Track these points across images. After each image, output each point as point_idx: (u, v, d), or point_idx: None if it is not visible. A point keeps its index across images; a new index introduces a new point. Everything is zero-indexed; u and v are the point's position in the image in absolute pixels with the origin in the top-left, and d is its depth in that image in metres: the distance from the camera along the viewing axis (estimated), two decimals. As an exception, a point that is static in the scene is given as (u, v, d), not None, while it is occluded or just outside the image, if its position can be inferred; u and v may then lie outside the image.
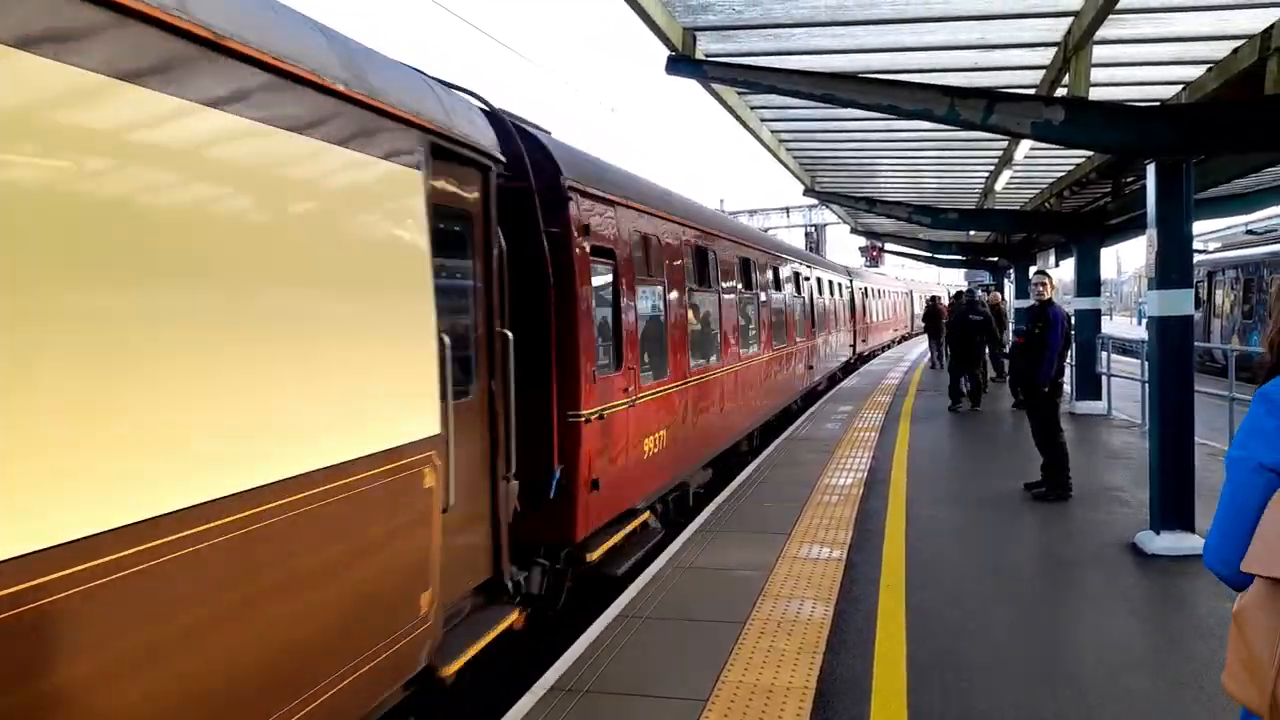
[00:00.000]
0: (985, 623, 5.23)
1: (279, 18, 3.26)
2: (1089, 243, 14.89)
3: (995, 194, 16.39)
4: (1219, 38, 7.75)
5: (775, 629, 5.14)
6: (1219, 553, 1.72)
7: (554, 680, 4.58)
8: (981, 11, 7.32)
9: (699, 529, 7.55)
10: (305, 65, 3.19)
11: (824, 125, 12.16)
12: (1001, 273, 27.50)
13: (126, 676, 2.44)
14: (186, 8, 2.66)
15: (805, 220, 43.49)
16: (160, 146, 2.63)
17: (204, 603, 2.68)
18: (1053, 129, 7.06)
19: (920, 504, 8.22)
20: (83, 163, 2.38)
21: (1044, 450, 8.54)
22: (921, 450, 11.18)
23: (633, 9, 6.88)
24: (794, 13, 7.50)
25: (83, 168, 2.38)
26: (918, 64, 8.79)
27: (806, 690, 4.32)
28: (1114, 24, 7.13)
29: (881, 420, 13.93)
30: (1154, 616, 5.42)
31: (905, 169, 16.10)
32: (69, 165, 2.34)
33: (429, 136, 4.08)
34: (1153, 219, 7.01)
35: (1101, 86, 8.69)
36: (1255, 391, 1.78)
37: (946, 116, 7.30)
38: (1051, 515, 7.83)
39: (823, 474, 9.70)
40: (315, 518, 3.13)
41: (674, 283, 8.27)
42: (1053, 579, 6.30)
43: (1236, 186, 13.70)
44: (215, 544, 2.67)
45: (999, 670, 4.56)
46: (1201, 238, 27.57)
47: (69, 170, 2.34)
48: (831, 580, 6.01)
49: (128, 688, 2.45)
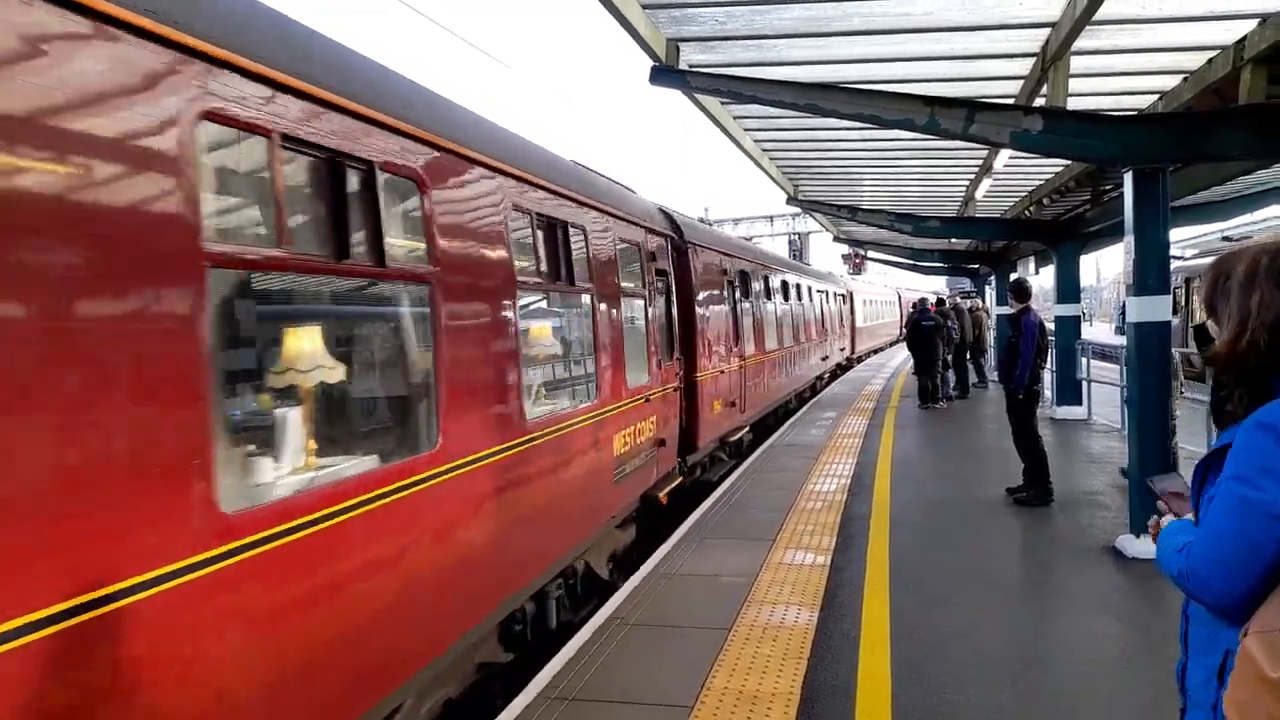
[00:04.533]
0: (968, 626, 5.28)
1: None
2: (1068, 250, 15.05)
3: (976, 202, 16.54)
4: (1193, 48, 7.88)
5: (760, 635, 5.17)
6: (1212, 584, 1.66)
7: (541, 687, 4.59)
8: (961, 23, 7.41)
9: (685, 535, 7.57)
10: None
11: (806, 134, 12.25)
12: (983, 280, 27.72)
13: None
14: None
15: (789, 228, 43.73)
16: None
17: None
18: (1032, 138, 7.15)
19: (903, 508, 8.27)
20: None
21: (1024, 455, 8.63)
22: (905, 456, 11.25)
23: (617, 20, 6.93)
24: (776, 24, 7.57)
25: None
26: (899, 74, 8.88)
27: (791, 696, 4.35)
28: (1091, 35, 7.24)
29: (865, 426, 14.00)
30: (1134, 620, 5.48)
31: (887, 177, 16.22)
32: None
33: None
34: (1130, 226, 7.11)
35: (1080, 96, 8.80)
36: (1253, 419, 1.66)
37: (927, 126, 7.38)
38: (1033, 519, 7.90)
39: (807, 480, 9.75)
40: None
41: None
42: (1034, 583, 6.37)
43: (1213, 194, 13.88)
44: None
45: (982, 673, 4.61)
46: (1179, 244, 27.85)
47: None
48: (816, 585, 6.05)
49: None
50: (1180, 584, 1.75)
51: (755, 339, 13.67)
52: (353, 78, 3.87)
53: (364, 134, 3.79)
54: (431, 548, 4.15)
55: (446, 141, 4.49)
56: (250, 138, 3.19)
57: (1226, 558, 1.64)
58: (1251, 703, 1.53)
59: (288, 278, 3.85)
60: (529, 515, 5.24)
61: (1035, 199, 15.62)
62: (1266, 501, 1.59)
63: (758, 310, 14.03)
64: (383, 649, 3.74)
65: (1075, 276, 15.39)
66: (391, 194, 4.00)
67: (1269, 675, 1.50)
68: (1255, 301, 1.74)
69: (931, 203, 19.07)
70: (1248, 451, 1.65)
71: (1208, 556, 1.68)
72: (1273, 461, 1.60)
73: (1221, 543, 1.65)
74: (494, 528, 4.76)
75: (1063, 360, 14.76)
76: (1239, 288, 1.78)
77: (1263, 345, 1.72)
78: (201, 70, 2.91)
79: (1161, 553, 1.88)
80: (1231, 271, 1.81)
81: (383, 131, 3.92)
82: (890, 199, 18.80)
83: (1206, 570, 1.67)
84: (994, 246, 22.12)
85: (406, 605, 3.89)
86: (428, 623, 4.12)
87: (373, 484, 3.67)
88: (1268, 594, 1.60)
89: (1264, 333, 1.72)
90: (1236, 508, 1.64)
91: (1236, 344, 1.76)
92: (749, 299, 13.44)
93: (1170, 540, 1.87)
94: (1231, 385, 1.80)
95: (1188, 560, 1.72)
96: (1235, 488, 1.65)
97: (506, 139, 5.56)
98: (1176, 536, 1.85)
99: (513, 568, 5.06)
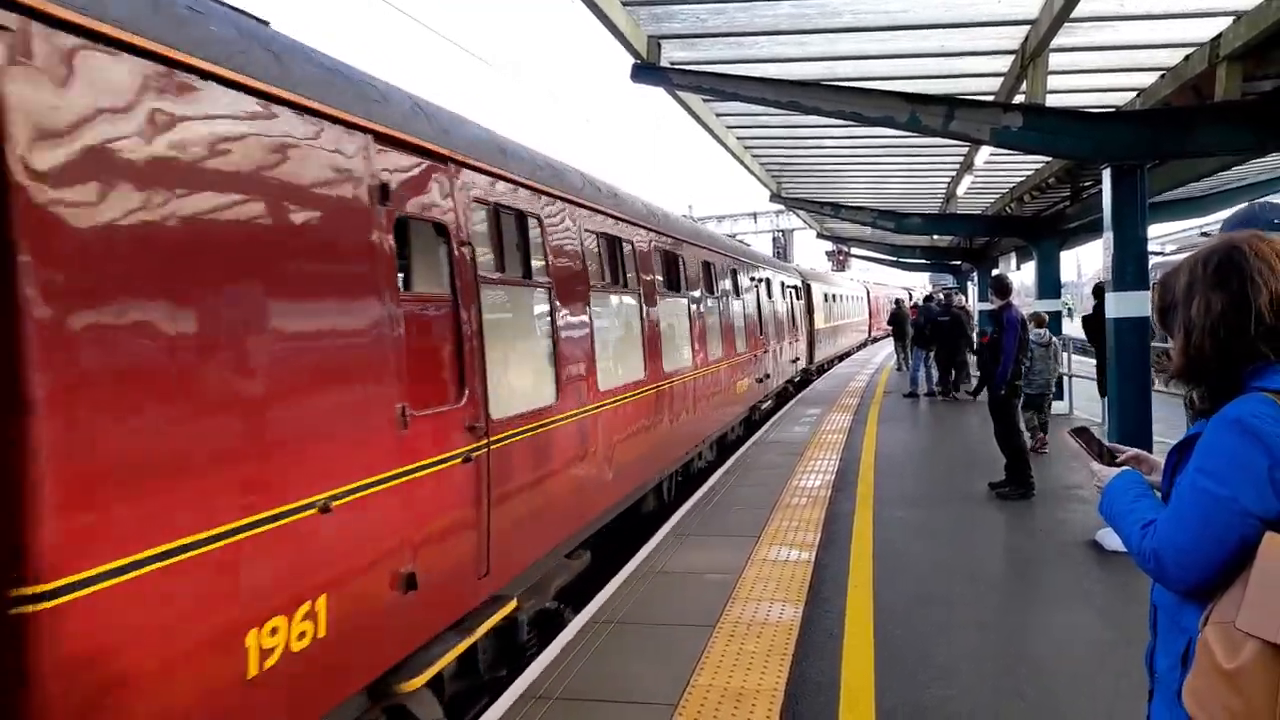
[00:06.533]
0: (952, 620, 5.31)
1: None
2: (1049, 246, 15.17)
3: (958, 199, 16.64)
4: (1170, 45, 7.95)
5: (745, 632, 5.18)
6: (1171, 569, 1.73)
7: (524, 688, 4.57)
8: (941, 20, 7.44)
9: (670, 533, 7.57)
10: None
11: (789, 132, 12.28)
12: (965, 276, 27.89)
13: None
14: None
15: (772, 225, 43.85)
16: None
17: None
18: (1011, 135, 7.20)
19: (887, 504, 8.31)
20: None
21: (1005, 450, 8.69)
22: (889, 452, 11.29)
23: (598, 17, 6.91)
24: (757, 20, 7.57)
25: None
26: (880, 71, 8.91)
27: (776, 692, 4.35)
28: (1069, 32, 7.29)
29: (849, 421, 14.06)
30: (1115, 612, 5.52)
31: (869, 174, 16.30)
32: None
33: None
34: (1109, 222, 7.17)
35: (1059, 93, 8.87)
36: (1219, 418, 1.71)
37: (908, 123, 7.41)
38: (1015, 514, 7.96)
39: (792, 476, 9.77)
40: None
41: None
42: (1016, 576, 6.41)
43: (1192, 190, 14.03)
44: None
45: (966, 667, 4.63)
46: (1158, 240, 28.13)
47: None
48: (801, 582, 6.06)
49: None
50: (1139, 561, 1.82)
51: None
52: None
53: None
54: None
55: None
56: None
57: (1188, 545, 1.70)
58: (1207, 691, 1.61)
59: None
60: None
61: (1016, 195, 15.73)
62: (1227, 497, 1.66)
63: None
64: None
65: (1056, 272, 15.51)
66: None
67: (1224, 666, 1.58)
68: (1196, 309, 1.82)
69: (913, 199, 19.17)
70: (1214, 447, 1.71)
71: (1170, 543, 1.73)
72: (1236, 458, 1.67)
73: (1185, 531, 1.71)
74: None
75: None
76: (1183, 300, 1.86)
77: (1207, 349, 1.79)
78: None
79: (1120, 520, 1.94)
80: (1175, 285, 1.89)
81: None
82: (873, 196, 18.88)
83: (1167, 555, 1.74)
84: (976, 243, 22.26)
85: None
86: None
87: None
88: (1223, 582, 1.66)
89: (1206, 337, 1.79)
90: (1200, 499, 1.70)
91: (1187, 353, 1.84)
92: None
93: (1128, 507, 1.93)
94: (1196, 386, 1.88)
95: (1151, 541, 1.78)
96: (1200, 480, 1.71)
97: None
98: (1137, 505, 1.91)
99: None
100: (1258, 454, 1.64)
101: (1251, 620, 1.56)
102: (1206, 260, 1.84)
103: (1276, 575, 1.57)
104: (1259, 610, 1.56)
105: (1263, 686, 1.53)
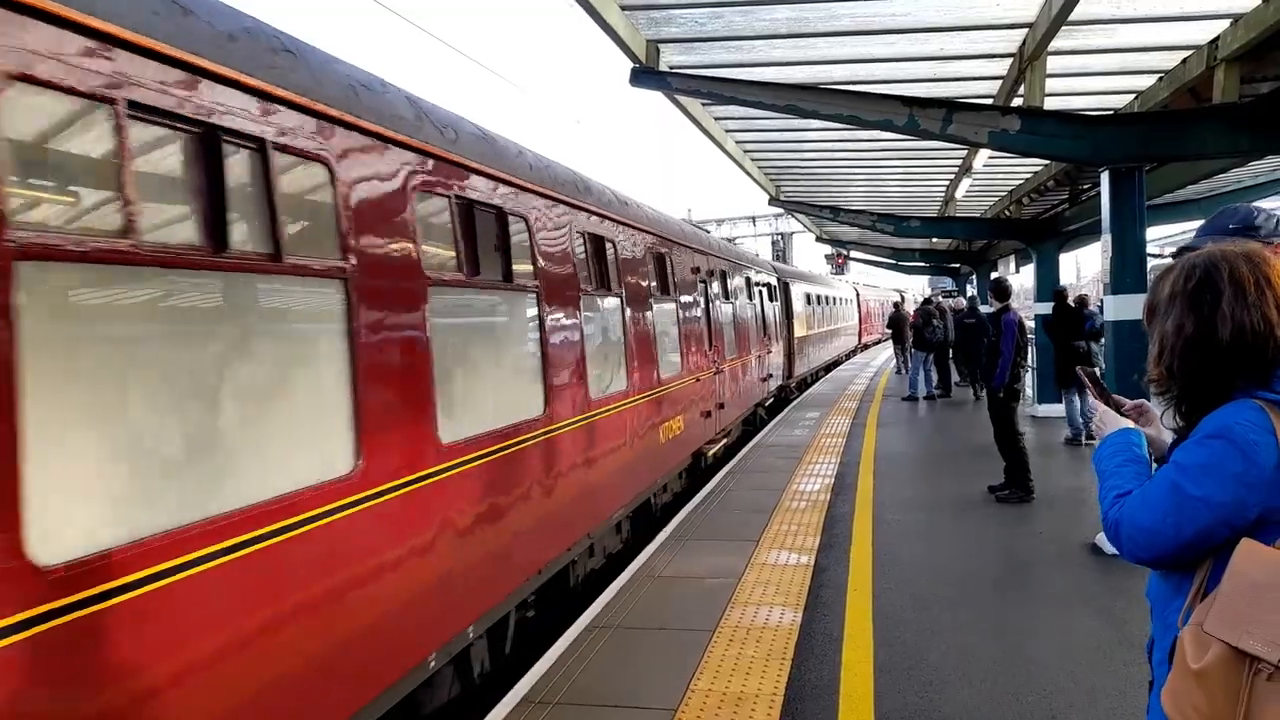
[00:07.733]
0: (951, 624, 5.30)
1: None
2: (1047, 248, 15.17)
3: (956, 202, 16.66)
4: (1168, 48, 7.96)
5: (744, 636, 5.17)
6: (1126, 543, 1.83)
7: (525, 692, 4.57)
8: (939, 23, 7.45)
9: (669, 537, 7.56)
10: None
11: (788, 135, 12.29)
12: (964, 279, 27.90)
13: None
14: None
15: (771, 229, 43.89)
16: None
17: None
18: (1009, 138, 7.21)
19: (887, 508, 8.30)
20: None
21: (1005, 453, 8.68)
22: (888, 454, 11.29)
23: (596, 22, 6.92)
24: (756, 25, 7.59)
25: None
26: (878, 75, 8.92)
27: (775, 697, 4.35)
28: (1066, 35, 7.30)
29: (849, 425, 14.05)
30: (1114, 616, 5.51)
31: (868, 178, 16.31)
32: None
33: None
34: (1107, 225, 7.17)
35: (1057, 96, 8.88)
36: (1203, 431, 1.75)
37: (907, 126, 7.42)
38: (1014, 517, 7.95)
39: (791, 480, 9.76)
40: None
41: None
42: (1016, 580, 6.40)
43: (1190, 192, 14.05)
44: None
45: (965, 671, 4.62)
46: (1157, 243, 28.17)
47: None
48: (800, 586, 6.06)
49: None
50: (1103, 523, 1.90)
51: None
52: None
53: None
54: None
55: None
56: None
57: (1148, 527, 1.79)
58: (1181, 691, 1.66)
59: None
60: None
61: (1014, 198, 15.74)
62: (1198, 498, 1.72)
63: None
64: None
65: (1054, 275, 15.50)
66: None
67: (1192, 667, 1.64)
68: (1170, 325, 1.84)
69: (912, 203, 19.19)
70: (1197, 448, 1.76)
71: (1132, 521, 1.82)
72: (1215, 463, 1.72)
73: (1149, 516, 1.79)
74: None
75: (1043, 358, 14.85)
76: (1163, 310, 1.88)
77: (1175, 369, 1.83)
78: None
79: (1102, 479, 1.99)
80: (1162, 289, 1.91)
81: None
82: (872, 199, 18.91)
83: (1126, 530, 1.83)
84: (974, 246, 22.28)
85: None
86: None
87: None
88: (1173, 565, 1.80)
89: (1175, 358, 1.82)
90: (1173, 493, 1.76)
91: (1158, 366, 1.88)
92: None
93: (1113, 469, 1.98)
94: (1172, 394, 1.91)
95: (1117, 512, 1.87)
96: (1175, 475, 1.78)
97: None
98: (1121, 470, 1.95)
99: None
100: (1236, 462, 1.69)
101: (1217, 624, 1.63)
102: (1190, 273, 1.84)
103: (1247, 582, 1.62)
104: (1226, 614, 1.62)
105: (1224, 688, 1.59)
